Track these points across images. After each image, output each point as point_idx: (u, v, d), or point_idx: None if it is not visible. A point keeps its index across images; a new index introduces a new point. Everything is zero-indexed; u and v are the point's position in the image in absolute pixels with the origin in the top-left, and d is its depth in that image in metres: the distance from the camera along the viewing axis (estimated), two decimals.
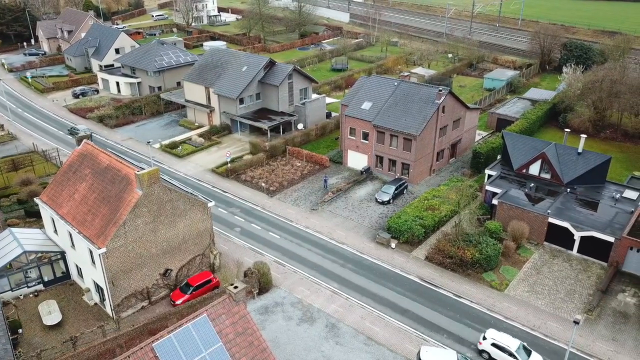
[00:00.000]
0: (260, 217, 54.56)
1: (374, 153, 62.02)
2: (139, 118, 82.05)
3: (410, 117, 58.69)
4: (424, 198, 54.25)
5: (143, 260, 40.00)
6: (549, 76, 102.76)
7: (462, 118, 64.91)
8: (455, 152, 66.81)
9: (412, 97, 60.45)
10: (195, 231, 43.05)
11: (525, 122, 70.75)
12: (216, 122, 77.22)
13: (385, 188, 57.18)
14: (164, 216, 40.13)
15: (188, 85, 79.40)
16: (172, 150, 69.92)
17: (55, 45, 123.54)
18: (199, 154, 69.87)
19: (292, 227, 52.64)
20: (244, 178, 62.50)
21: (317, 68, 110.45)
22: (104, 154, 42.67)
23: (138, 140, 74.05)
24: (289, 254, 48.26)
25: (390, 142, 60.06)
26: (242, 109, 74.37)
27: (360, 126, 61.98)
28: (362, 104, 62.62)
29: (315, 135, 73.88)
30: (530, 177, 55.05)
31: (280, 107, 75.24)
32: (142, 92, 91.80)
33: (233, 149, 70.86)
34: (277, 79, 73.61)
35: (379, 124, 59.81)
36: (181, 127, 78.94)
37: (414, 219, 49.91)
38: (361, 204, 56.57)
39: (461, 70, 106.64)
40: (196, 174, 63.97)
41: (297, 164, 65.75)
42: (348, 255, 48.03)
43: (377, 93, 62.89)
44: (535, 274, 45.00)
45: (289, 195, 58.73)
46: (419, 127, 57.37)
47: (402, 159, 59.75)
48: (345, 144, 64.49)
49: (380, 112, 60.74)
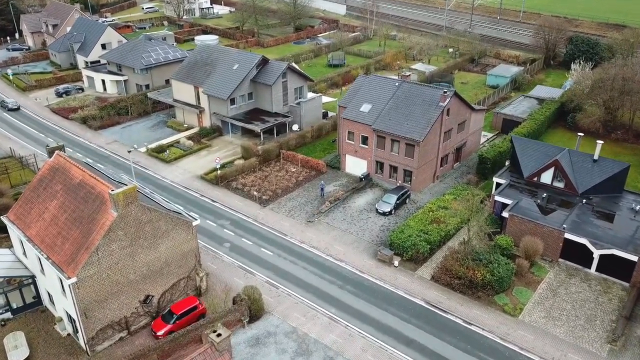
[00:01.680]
0: (251, 230, 50.59)
1: (374, 158, 58.02)
2: (125, 119, 77.66)
3: (412, 121, 54.65)
4: (428, 209, 50.38)
5: (120, 287, 36.02)
6: (554, 72, 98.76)
7: (467, 120, 60.92)
8: (460, 156, 62.90)
9: (414, 99, 56.37)
10: (179, 253, 39.07)
11: (533, 124, 66.86)
12: (206, 124, 73.00)
13: (387, 197, 53.26)
14: (143, 239, 36.10)
15: (176, 84, 75.03)
16: (159, 155, 65.70)
17: (40, 40, 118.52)
18: (187, 158, 65.71)
19: (286, 241, 48.72)
20: (234, 186, 58.43)
21: (313, 64, 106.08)
22: (76, 168, 38.49)
23: (123, 144, 69.73)
24: (282, 274, 44.38)
25: (391, 147, 56.05)
26: (234, 110, 70.15)
27: (359, 130, 57.93)
28: (361, 106, 58.51)
29: (311, 137, 69.79)
30: (542, 185, 51.23)
31: (274, 107, 71.05)
32: (129, 90, 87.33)
33: (223, 153, 66.72)
34: (270, 78, 69.34)
35: (379, 128, 55.77)
36: (169, 129, 74.65)
37: (418, 234, 46.08)
38: (360, 214, 52.66)
39: (463, 65, 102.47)
40: (184, 181, 59.86)
41: (292, 170, 61.71)
42: (347, 274, 44.19)
43: (376, 94, 58.79)
44: (552, 296, 41.28)
45: (283, 205, 54.75)
46: (423, 132, 53.37)
47: (404, 166, 55.80)
48: (343, 148, 60.47)
49: (381, 115, 56.67)
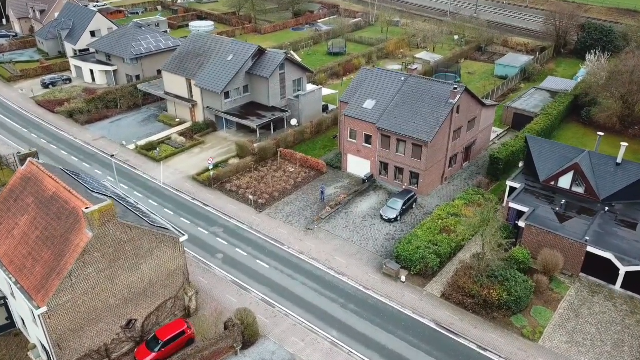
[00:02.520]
0: (246, 239, 46.91)
1: (378, 159, 54.12)
2: (114, 112, 73.46)
3: (420, 120, 50.63)
4: (437, 216, 46.64)
5: (98, 314, 32.43)
6: (565, 61, 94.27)
7: (478, 117, 56.89)
8: (469, 155, 58.98)
9: (421, 95, 52.27)
10: (164, 272, 35.41)
11: (547, 119, 62.81)
12: (199, 118, 68.89)
13: (392, 203, 49.49)
14: (123, 259, 32.40)
15: (167, 76, 70.73)
16: (149, 153, 61.73)
17: (27, 27, 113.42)
18: (179, 156, 61.73)
19: (284, 252, 45.07)
20: (228, 188, 54.59)
21: (312, 52, 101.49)
22: (50, 179, 34.60)
23: (111, 140, 65.73)
24: (279, 290, 40.80)
25: (397, 147, 52.13)
26: (228, 104, 66.01)
27: (362, 128, 53.92)
28: (364, 102, 54.41)
29: (310, 133, 65.75)
30: (560, 190, 47.46)
31: (271, 101, 66.91)
32: (119, 81, 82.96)
33: (217, 150, 62.76)
34: (267, 70, 65.08)
35: (384, 126, 51.76)
36: (160, 124, 70.53)
37: (427, 245, 42.44)
38: (364, 221, 48.94)
39: (469, 54, 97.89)
40: (174, 182, 56.00)
41: (290, 170, 57.83)
42: (350, 290, 40.61)
43: (381, 89, 54.65)
44: (574, 317, 37.77)
45: (281, 209, 51.00)
46: (431, 132, 49.39)
47: (410, 168, 51.94)
48: (345, 147, 56.51)
49: (386, 112, 52.61)
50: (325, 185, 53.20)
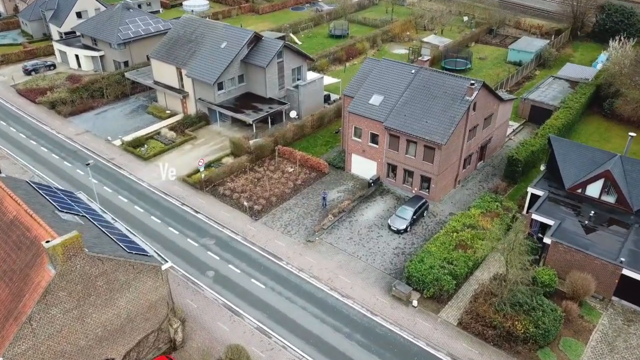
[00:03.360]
0: (240, 253, 42.48)
1: (385, 160, 49.35)
2: (100, 103, 68.26)
3: (433, 119, 45.68)
4: (451, 228, 42.08)
5: (68, 358, 28.17)
6: (582, 45, 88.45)
7: (495, 113, 51.90)
8: (484, 154, 54.16)
9: (434, 91, 47.19)
10: (145, 304, 31.07)
11: (568, 114, 57.77)
12: (191, 110, 63.82)
13: (401, 211, 44.89)
14: (94, 296, 28.00)
15: (156, 64, 65.37)
16: (136, 150, 56.87)
17: (11, 6, 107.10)
18: (168, 154, 56.87)
19: (282, 269, 40.68)
20: (221, 191, 49.94)
21: (313, 34, 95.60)
22: (10, 199, 29.95)
23: (96, 135, 60.80)
24: (276, 316, 36.51)
25: (406, 149, 47.30)
26: (222, 96, 60.86)
27: (368, 127, 48.99)
28: (371, 97, 49.34)
29: (311, 127, 60.78)
30: (587, 199, 42.85)
31: (269, 92, 61.75)
32: (107, 67, 77.56)
33: (210, 147, 57.89)
34: (264, 59, 59.72)
35: (393, 126, 46.83)
36: (149, 116, 65.43)
37: (441, 264, 38.03)
38: (370, 232, 44.45)
39: (480, 37, 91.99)
40: (162, 185, 51.31)
41: (289, 170, 53.09)
42: (356, 317, 36.32)
43: (389, 83, 49.51)
44: (608, 351, 33.56)
45: (279, 217, 46.47)
46: (445, 133, 44.49)
47: (421, 171, 47.20)
48: (349, 146, 51.67)
49: (394, 109, 47.62)
50: (327, 191, 48.53)
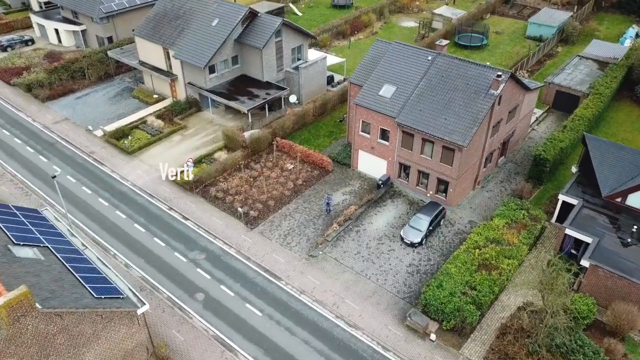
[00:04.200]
0: (234, 270, 37.63)
1: (397, 160, 43.95)
2: (81, 85, 62.15)
3: (452, 115, 40.01)
4: (472, 243, 37.07)
5: None
6: (607, 17, 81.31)
7: (520, 104, 46.15)
8: (506, 149, 48.70)
9: (454, 82, 41.33)
10: (119, 354, 26.40)
11: (598, 102, 51.92)
12: (181, 95, 57.89)
13: (415, 222, 39.77)
14: (54, 355, 23.24)
15: (141, 43, 58.98)
16: (119, 143, 51.31)
17: None
18: (155, 147, 51.34)
19: (281, 291, 35.91)
20: (213, 193, 44.74)
21: (315, 3, 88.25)
22: None
23: (76, 123, 55.08)
24: (274, 352, 31.91)
25: (421, 148, 41.82)
26: (214, 80, 54.85)
27: (378, 121, 43.35)
28: (381, 87, 43.50)
29: (312, 115, 55.01)
30: (627, 209, 37.69)
31: (266, 75, 55.70)
32: (90, 43, 70.98)
33: (201, 138, 52.32)
34: (260, 39, 53.42)
35: (406, 122, 41.19)
36: (135, 100, 59.50)
37: (463, 289, 33.25)
38: (380, 244, 39.49)
39: (495, 8, 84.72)
40: (147, 185, 46.05)
41: (289, 167, 47.75)
42: (365, 353, 31.70)
43: (401, 71, 43.56)
44: None
45: (277, 225, 41.45)
46: (467, 133, 38.91)
47: (438, 174, 41.86)
48: (356, 141, 46.15)
49: (408, 102, 41.88)
50: (331, 195, 43.31)
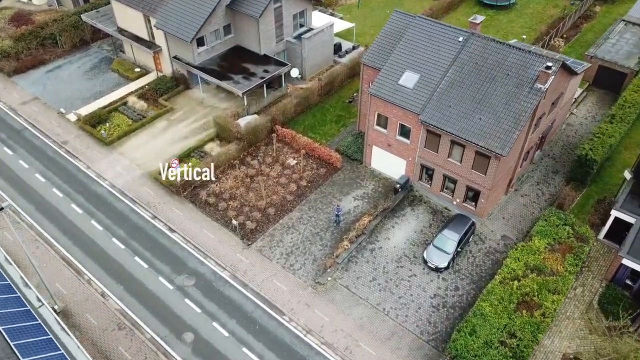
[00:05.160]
0: (228, 301, 32.07)
1: (419, 160, 37.40)
2: (53, 54, 54.38)
3: (489, 113, 33.09)
4: (509, 273, 31.21)
5: None
6: None
7: (564, 92, 39.01)
8: (543, 143, 41.99)
9: (491, 71, 34.07)
10: None
11: None
12: (167, 69, 50.42)
13: (441, 241, 33.77)
14: None
15: (119, 8, 50.72)
16: (95, 131, 44.49)
17: None
18: (137, 135, 44.58)
19: (283, 330, 30.49)
20: (204, 197, 38.54)
21: None
22: None
23: (46, 104, 48.01)
24: None
25: (449, 151, 35.16)
26: (203, 55, 47.25)
27: (397, 116, 36.45)
28: (401, 75, 36.21)
29: (318, 95, 47.80)
30: None
31: (263, 48, 48.03)
32: (63, 1, 62.34)
33: (190, 124, 45.48)
34: (256, 6, 45.34)
35: (432, 121, 34.31)
36: (115, 74, 52.00)
37: (500, 336, 27.82)
38: (399, 267, 33.72)
39: None
40: (128, 185, 39.75)
41: (291, 163, 41.30)
42: None
43: (426, 55, 36.12)
44: None
45: (278, 239, 35.56)
46: (507, 139, 32.14)
47: (468, 182, 35.43)
48: (370, 136, 39.40)
49: (435, 95, 34.82)
50: (341, 206, 37.06)
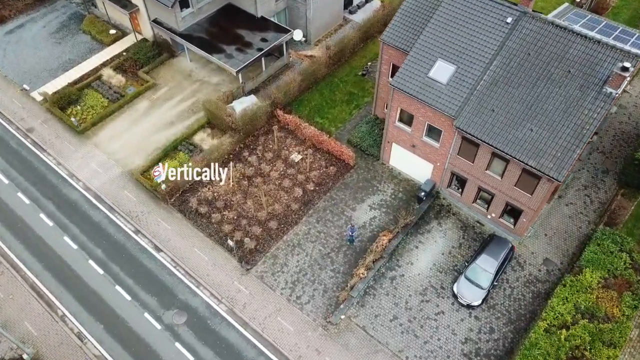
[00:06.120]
0: (226, 345, 27.45)
1: (449, 167, 31.24)
2: (13, 9, 46.27)
3: (543, 123, 26.45)
4: (554, 318, 26.23)
5: None
6: None
7: None
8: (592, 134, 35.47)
9: (547, 66, 26.97)
10: None
11: None
12: (147, 32, 42.70)
13: (474, 273, 28.50)
14: None
15: None
16: (65, 116, 37.79)
17: None
18: (114, 120, 37.98)
19: None
20: (194, 205, 32.82)
21: None
22: None
23: (7, 78, 40.92)
24: None
25: (488, 164, 28.92)
26: (188, 19, 39.43)
27: (426, 116, 29.80)
28: (432, 65, 29.05)
29: (326, 66, 40.45)
30: None
31: (260, 9, 40.12)
32: None
33: (177, 105, 38.74)
34: None
35: (471, 130, 27.74)
36: (86, 37, 44.25)
37: None
38: (424, 302, 28.76)
39: None
40: (105, 189, 33.91)
41: (295, 159, 35.16)
42: None
43: (464, 39, 28.72)
44: None
45: (282, 262, 30.37)
46: (565, 159, 25.78)
47: (510, 199, 29.50)
48: (390, 132, 32.89)
49: (474, 95, 27.98)
50: (355, 226, 31.25)
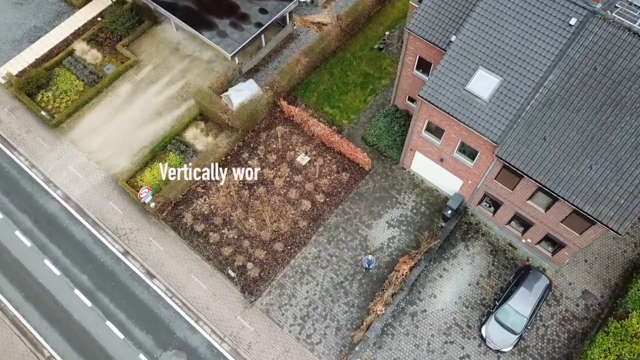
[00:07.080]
0: None
1: (483, 189, 26.77)
2: None
3: (606, 160, 21.57)
4: None
5: None
6: None
7: None
8: None
9: (618, 84, 21.53)
10: None
11: None
12: None
13: (506, 314, 25.14)
14: None
15: None
16: (35, 105, 32.53)
17: None
18: (93, 110, 32.87)
19: None
20: (188, 221, 28.91)
21: None
22: None
23: None
24: None
25: (532, 195, 24.41)
26: None
27: (460, 135, 24.81)
28: (472, 74, 23.47)
29: (337, 39, 34.31)
30: None
31: None
32: None
33: (164, 91, 33.43)
34: None
35: (514, 161, 22.88)
36: None
37: None
38: (448, 343, 25.78)
39: None
40: (87, 198, 29.80)
41: (302, 162, 30.61)
42: None
43: (514, 44, 22.82)
44: None
45: (289, 294, 27.10)
46: (631, 209, 21.30)
47: (553, 233, 25.34)
48: (414, 141, 28.00)
49: (523, 117, 22.82)
50: (372, 257, 27.21)
